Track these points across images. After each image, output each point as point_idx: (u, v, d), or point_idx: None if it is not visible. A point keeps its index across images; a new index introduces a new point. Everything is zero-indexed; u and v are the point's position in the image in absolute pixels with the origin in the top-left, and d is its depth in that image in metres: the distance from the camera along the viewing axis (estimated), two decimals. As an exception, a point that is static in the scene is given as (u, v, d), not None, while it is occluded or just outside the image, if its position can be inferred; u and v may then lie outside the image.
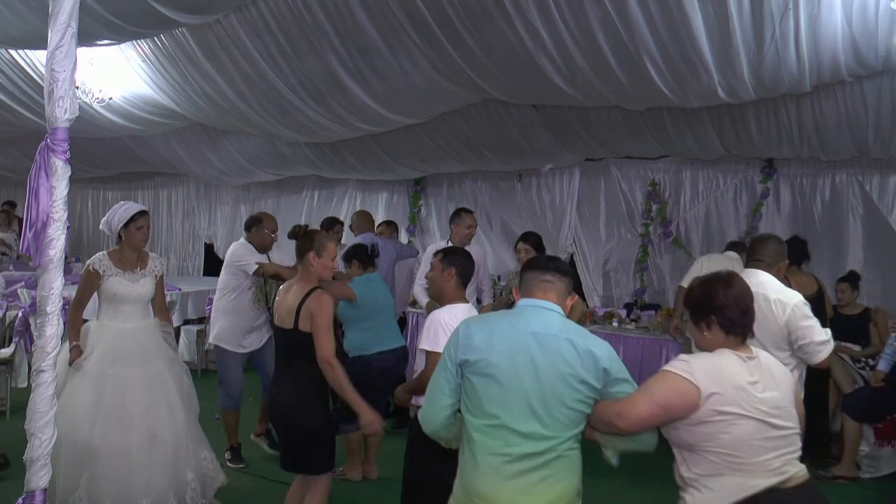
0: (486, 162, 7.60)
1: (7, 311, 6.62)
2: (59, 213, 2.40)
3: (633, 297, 7.43)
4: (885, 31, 3.99)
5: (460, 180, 8.49)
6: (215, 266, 10.45)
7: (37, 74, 6.43)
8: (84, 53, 5.82)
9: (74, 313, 3.96)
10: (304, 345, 3.33)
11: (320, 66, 5.45)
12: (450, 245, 5.30)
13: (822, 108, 5.25)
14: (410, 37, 4.91)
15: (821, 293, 5.32)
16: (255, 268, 4.91)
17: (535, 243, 5.37)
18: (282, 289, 3.54)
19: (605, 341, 2.42)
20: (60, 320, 2.44)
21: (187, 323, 7.85)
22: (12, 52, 6.27)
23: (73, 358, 3.77)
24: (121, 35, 5.26)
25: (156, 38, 5.74)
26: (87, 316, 4.10)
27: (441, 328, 3.08)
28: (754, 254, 3.65)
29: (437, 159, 7.68)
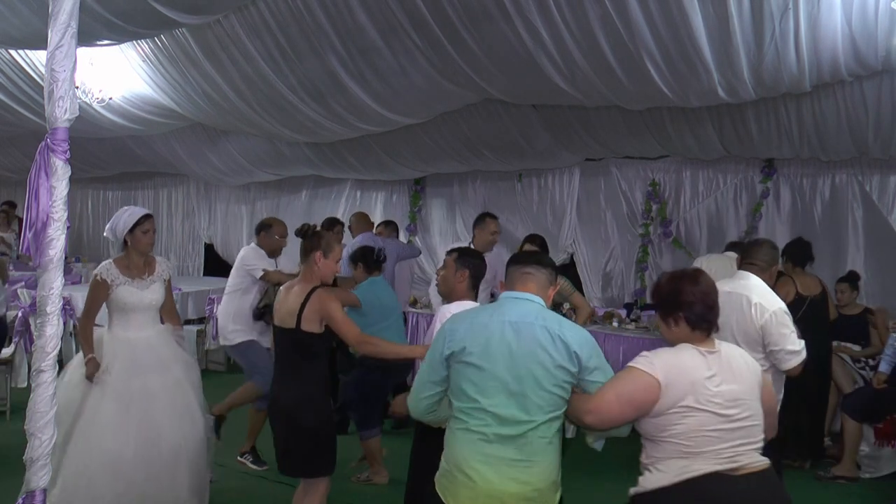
0: (486, 162, 7.59)
1: (7, 311, 6.63)
2: (59, 213, 2.39)
3: (633, 297, 7.42)
4: (884, 31, 3.99)
5: (460, 180, 8.48)
6: (215, 266, 10.50)
7: (37, 74, 6.43)
8: (84, 53, 5.83)
9: (86, 325, 3.85)
10: (306, 344, 3.32)
11: (320, 66, 5.45)
12: (471, 248, 5.28)
13: (822, 108, 5.25)
14: (410, 37, 4.91)
15: (824, 294, 5.32)
16: (262, 273, 4.92)
17: (540, 244, 5.39)
18: (282, 289, 3.52)
19: (582, 330, 2.54)
20: (60, 320, 2.43)
21: (187, 323, 7.82)
22: (12, 52, 6.27)
23: (90, 372, 3.67)
24: (121, 35, 5.26)
25: (156, 38, 5.75)
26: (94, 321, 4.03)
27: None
28: (748, 257, 3.74)
29: (437, 159, 7.67)
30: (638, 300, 7.34)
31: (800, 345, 3.44)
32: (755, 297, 3.46)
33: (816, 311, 5.14)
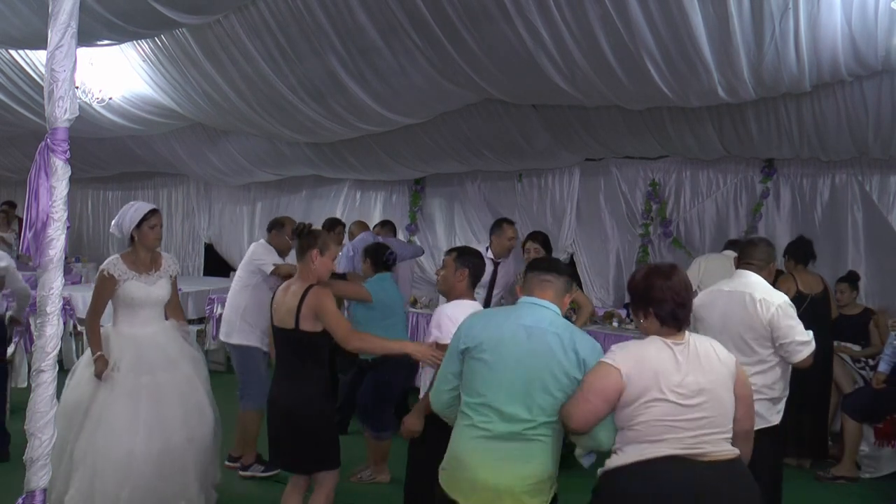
0: (486, 162, 7.60)
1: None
2: (59, 213, 2.39)
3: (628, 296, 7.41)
4: (884, 31, 3.99)
5: (460, 180, 8.48)
6: (215, 266, 10.51)
7: (37, 74, 6.44)
8: (84, 53, 5.83)
9: (93, 322, 3.79)
10: (306, 344, 3.32)
11: (320, 66, 5.46)
12: (463, 245, 5.27)
13: (822, 108, 5.25)
14: (410, 37, 4.91)
15: (826, 293, 5.32)
16: (272, 268, 4.91)
17: (542, 242, 5.32)
18: (280, 289, 3.51)
19: (592, 340, 2.64)
20: (60, 320, 2.43)
21: (187, 323, 7.84)
22: (12, 52, 6.28)
23: (99, 369, 3.65)
24: (121, 35, 5.26)
25: (156, 38, 5.75)
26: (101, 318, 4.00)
27: (448, 319, 3.22)
28: (745, 256, 3.76)
29: (437, 159, 7.68)
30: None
31: (809, 335, 3.46)
32: (758, 294, 3.48)
33: (817, 309, 5.14)
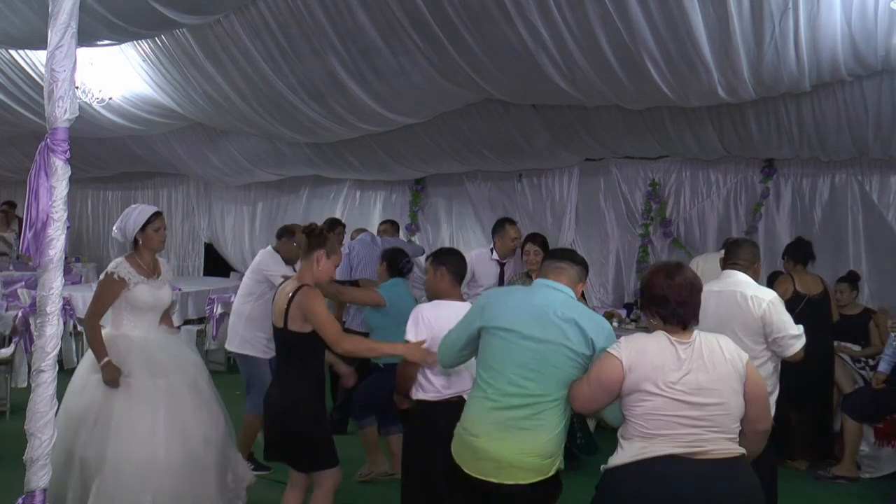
0: (486, 162, 7.60)
1: (7, 311, 6.63)
2: (59, 213, 2.39)
3: (633, 297, 7.42)
4: (884, 31, 4.00)
5: (460, 180, 8.48)
6: (215, 266, 10.50)
7: (37, 74, 6.43)
8: (84, 53, 5.83)
9: (95, 325, 3.68)
10: (294, 344, 3.31)
11: (320, 66, 5.46)
12: (447, 247, 5.27)
13: (822, 108, 5.25)
14: (410, 37, 4.91)
15: (826, 294, 5.30)
16: (281, 280, 4.87)
17: (542, 244, 5.29)
18: (280, 288, 3.51)
19: (601, 318, 2.77)
20: (60, 320, 2.42)
21: (187, 323, 7.84)
22: (12, 52, 6.28)
23: (111, 376, 3.54)
24: (121, 35, 5.26)
25: (156, 38, 5.75)
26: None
27: (422, 320, 3.32)
28: (731, 257, 3.81)
29: (437, 159, 7.68)
30: (638, 300, 7.34)
31: (799, 329, 3.53)
32: (749, 291, 3.54)
33: (816, 309, 5.13)
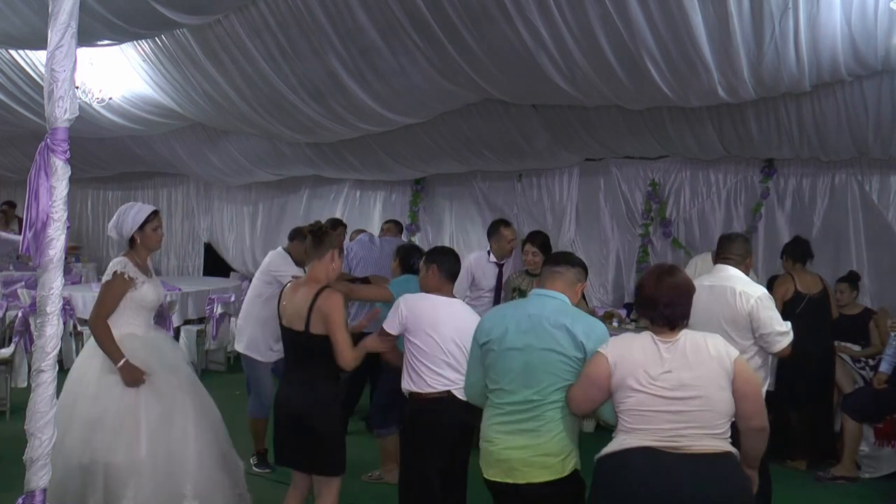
0: (486, 162, 7.60)
1: (7, 311, 6.64)
2: (59, 213, 2.39)
3: (632, 297, 7.41)
4: (884, 31, 4.00)
5: (460, 180, 8.48)
6: (215, 266, 10.51)
7: (37, 74, 6.44)
8: (84, 53, 5.83)
9: (105, 326, 3.59)
10: (316, 348, 3.28)
11: (320, 66, 5.46)
12: (441, 246, 5.26)
13: (822, 108, 5.25)
14: (410, 37, 4.91)
15: (825, 293, 5.31)
16: (290, 280, 4.87)
17: (541, 244, 5.21)
18: (288, 288, 3.49)
19: (593, 321, 2.85)
20: (60, 320, 2.42)
21: (187, 323, 7.85)
22: (12, 52, 6.28)
23: (134, 377, 3.52)
24: (121, 35, 5.26)
25: (156, 38, 5.75)
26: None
27: (397, 311, 3.44)
28: (723, 251, 3.83)
29: (437, 159, 7.68)
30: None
31: (787, 326, 3.56)
32: (739, 287, 3.56)
33: (816, 308, 5.13)
